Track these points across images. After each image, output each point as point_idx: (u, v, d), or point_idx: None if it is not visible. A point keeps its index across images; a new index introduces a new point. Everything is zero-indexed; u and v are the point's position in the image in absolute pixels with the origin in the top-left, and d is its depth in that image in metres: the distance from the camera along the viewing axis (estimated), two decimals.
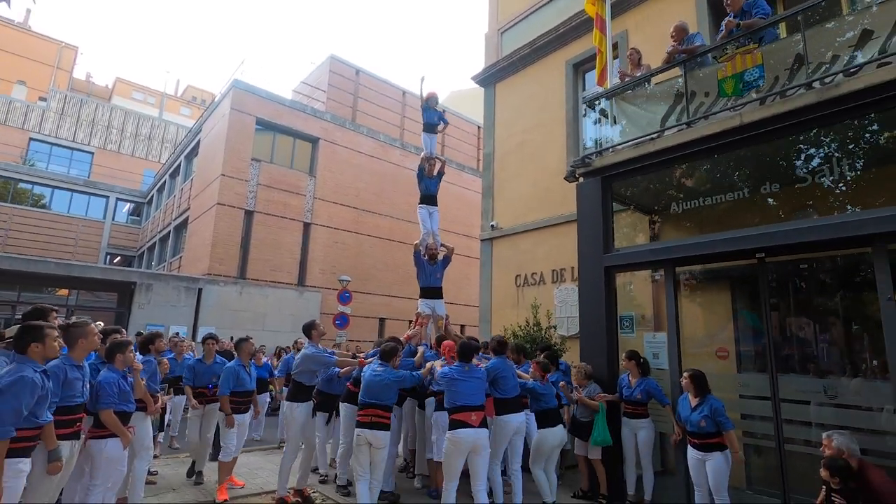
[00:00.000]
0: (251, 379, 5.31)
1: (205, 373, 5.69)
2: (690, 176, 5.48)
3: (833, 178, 4.27)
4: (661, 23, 7.33)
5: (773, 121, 4.49)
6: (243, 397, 5.22)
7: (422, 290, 6.72)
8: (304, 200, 17.76)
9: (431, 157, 7.35)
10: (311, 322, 5.43)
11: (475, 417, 4.30)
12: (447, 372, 4.51)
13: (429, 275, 6.71)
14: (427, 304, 6.57)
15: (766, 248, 4.46)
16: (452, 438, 4.28)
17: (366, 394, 4.54)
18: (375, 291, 18.95)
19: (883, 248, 3.84)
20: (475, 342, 4.94)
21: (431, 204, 7.19)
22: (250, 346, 5.41)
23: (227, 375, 5.10)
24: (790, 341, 5.03)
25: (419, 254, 6.75)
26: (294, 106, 18.27)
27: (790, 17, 4.81)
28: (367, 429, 4.42)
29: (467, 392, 4.37)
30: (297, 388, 5.17)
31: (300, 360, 5.18)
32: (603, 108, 6.23)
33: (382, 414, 4.48)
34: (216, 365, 5.72)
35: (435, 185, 7.33)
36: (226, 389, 5.07)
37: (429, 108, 7.54)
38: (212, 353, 5.87)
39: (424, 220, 7.07)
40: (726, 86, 4.93)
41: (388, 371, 4.61)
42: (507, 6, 10.69)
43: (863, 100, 4.04)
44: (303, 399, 5.14)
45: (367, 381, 4.57)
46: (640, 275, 5.97)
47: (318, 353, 5.19)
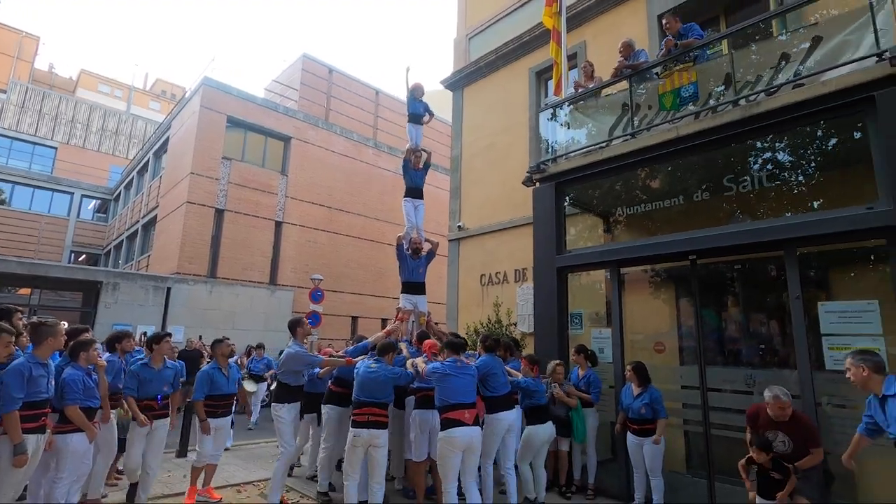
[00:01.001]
0: (229, 382, 5.00)
1: (153, 380, 4.54)
2: (635, 183, 5.88)
3: (753, 188, 4.71)
4: (617, 34, 7.72)
5: (705, 134, 4.91)
6: (221, 401, 4.93)
7: (404, 285, 6.51)
8: (275, 199, 17.74)
9: (417, 149, 7.16)
10: (297, 319, 5.18)
11: (468, 415, 4.14)
12: (439, 367, 4.31)
13: (412, 269, 6.50)
14: (409, 300, 6.37)
15: (697, 251, 4.89)
16: (447, 438, 4.09)
17: (361, 392, 4.35)
18: (348, 290, 19.06)
19: (793, 252, 4.29)
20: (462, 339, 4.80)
21: (417, 197, 7.02)
22: (227, 348, 5.09)
23: (201, 379, 4.83)
24: (719, 336, 5.49)
25: (402, 247, 6.54)
26: (266, 104, 18.21)
27: (722, 38, 5.24)
28: (364, 428, 4.23)
29: (460, 389, 4.20)
30: (281, 389, 4.92)
31: (284, 360, 4.94)
32: (558, 116, 6.60)
33: (380, 412, 4.31)
34: (167, 370, 4.69)
35: (421, 177, 7.18)
36: (200, 394, 4.80)
37: (414, 98, 7.36)
38: (160, 357, 4.68)
39: (409, 214, 6.89)
40: (665, 100, 5.34)
41: (384, 367, 4.44)
42: (475, 13, 10.99)
43: (780, 117, 4.48)
44: (288, 400, 4.87)
45: (362, 378, 4.38)
46: (590, 274, 6.36)
47: (303, 353, 4.94)
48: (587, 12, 8.24)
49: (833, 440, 4.06)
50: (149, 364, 4.59)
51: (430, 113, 7.60)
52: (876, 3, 4.07)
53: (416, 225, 6.89)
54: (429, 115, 7.58)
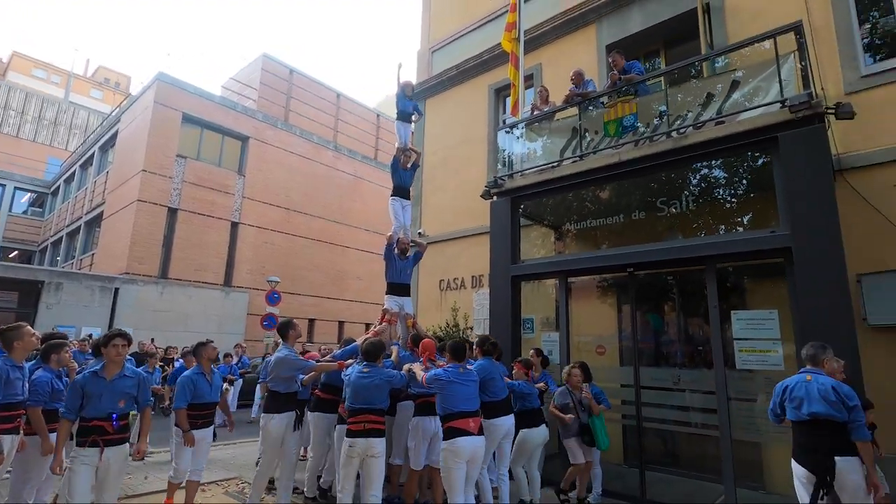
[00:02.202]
0: (213, 389, 4.57)
1: (104, 394, 3.44)
2: (582, 200, 6.47)
3: (682, 209, 5.37)
4: (570, 59, 8.37)
5: (643, 160, 5.52)
6: (202, 410, 4.47)
7: (390, 286, 6.32)
8: (232, 199, 17.48)
9: (407, 148, 7.00)
10: (288, 321, 4.87)
11: (473, 424, 3.98)
12: (442, 374, 4.09)
13: (399, 270, 6.35)
14: (395, 301, 6.19)
15: (634, 264, 5.50)
16: (452, 448, 3.90)
17: (355, 399, 4.10)
18: (305, 292, 19.00)
19: (712, 267, 4.95)
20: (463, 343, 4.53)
21: (405, 197, 6.87)
22: (212, 351, 4.66)
23: (183, 385, 4.38)
24: (652, 339, 6.15)
25: (391, 247, 6.34)
26: (224, 103, 17.93)
27: (659, 76, 5.91)
28: (360, 437, 3.99)
29: (465, 396, 4.05)
30: (272, 397, 4.62)
31: (273, 366, 4.63)
32: (515, 135, 7.12)
33: (376, 419, 4.08)
34: (124, 381, 3.55)
35: (409, 176, 7.03)
36: (182, 402, 4.32)
37: (404, 96, 7.19)
38: (115, 363, 3.54)
39: (397, 213, 6.70)
40: (610, 128, 5.94)
41: (376, 371, 4.20)
42: (438, 28, 11.42)
43: (705, 149, 5.14)
44: (279, 409, 4.56)
45: (355, 384, 4.13)
46: (541, 282, 6.90)
47: (293, 357, 4.63)
48: (543, 38, 8.84)
49: (740, 428, 4.74)
50: (98, 373, 3.51)
51: (418, 112, 7.46)
52: (781, 58, 4.79)
53: (404, 225, 6.70)
54: (417, 113, 7.41)
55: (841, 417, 3.25)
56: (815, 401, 3.34)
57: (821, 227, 4.23)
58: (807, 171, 4.37)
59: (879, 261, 4.93)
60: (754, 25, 6.25)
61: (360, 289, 21.18)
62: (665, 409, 5.33)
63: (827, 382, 3.37)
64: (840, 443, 3.27)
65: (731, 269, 5.39)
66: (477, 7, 10.49)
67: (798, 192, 4.39)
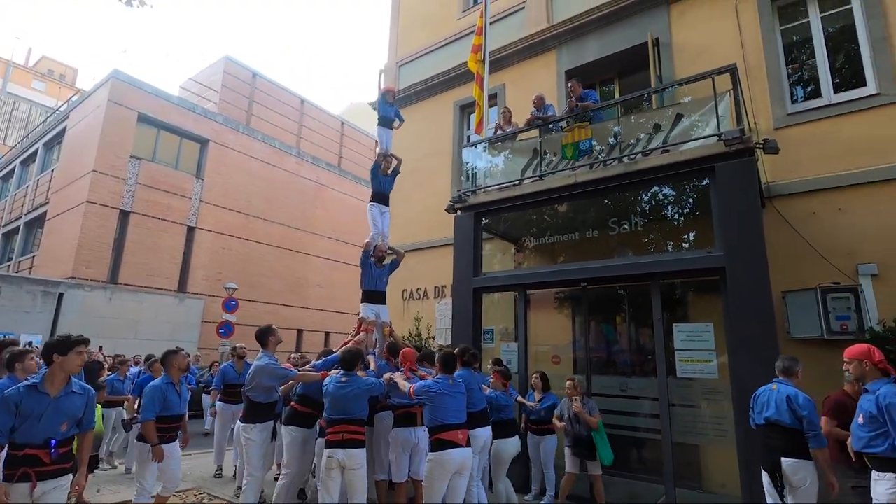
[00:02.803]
0: (182, 401, 4.36)
1: (45, 415, 2.91)
2: (541, 217, 6.84)
3: (631, 229, 5.81)
4: (532, 81, 8.81)
5: (596, 182, 5.93)
6: (171, 423, 4.23)
7: (365, 294, 6.24)
8: (189, 203, 17.02)
9: (388, 154, 6.98)
10: (268, 328, 4.71)
11: (462, 436, 3.96)
12: (432, 386, 4.05)
13: (375, 278, 6.27)
14: (371, 310, 6.11)
15: (587, 279, 5.88)
16: (439, 460, 3.88)
17: (333, 409, 4.06)
18: (263, 300, 18.66)
19: (657, 283, 5.39)
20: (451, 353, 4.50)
21: (384, 203, 6.81)
22: (182, 360, 4.40)
23: (152, 396, 4.13)
24: (603, 349, 6.56)
25: (368, 254, 6.27)
26: (182, 104, 17.48)
27: (612, 105, 6.37)
28: (338, 447, 3.94)
29: (454, 408, 4.02)
30: (252, 407, 4.49)
31: (253, 374, 4.47)
32: (479, 153, 7.44)
33: (355, 429, 4.04)
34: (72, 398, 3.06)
35: (389, 183, 6.99)
36: (151, 413, 4.08)
37: (385, 102, 7.20)
38: (63, 377, 3.06)
39: (376, 219, 6.65)
40: (567, 151, 6.35)
41: (355, 379, 4.17)
42: (406, 43, 11.69)
43: (652, 175, 5.60)
44: (259, 419, 4.46)
45: (333, 394, 4.09)
46: (501, 294, 7.20)
47: (275, 366, 4.48)
48: (507, 60, 9.25)
49: (681, 432, 5.15)
50: (39, 387, 2.93)
51: (400, 118, 7.40)
52: (719, 95, 5.31)
53: (382, 232, 6.62)
54: (399, 119, 7.38)
55: (790, 423, 3.58)
56: (770, 407, 3.72)
57: (750, 249, 4.71)
58: (738, 198, 4.87)
59: (801, 279, 5.51)
60: (698, 62, 6.85)
61: (320, 297, 20.97)
62: (614, 415, 5.70)
63: (784, 391, 3.68)
64: (788, 445, 3.58)
65: (674, 285, 5.86)
66: (444, 26, 10.83)
67: (731, 217, 4.88)
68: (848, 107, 5.81)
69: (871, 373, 3.29)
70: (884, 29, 5.73)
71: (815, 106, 6.07)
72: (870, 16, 5.85)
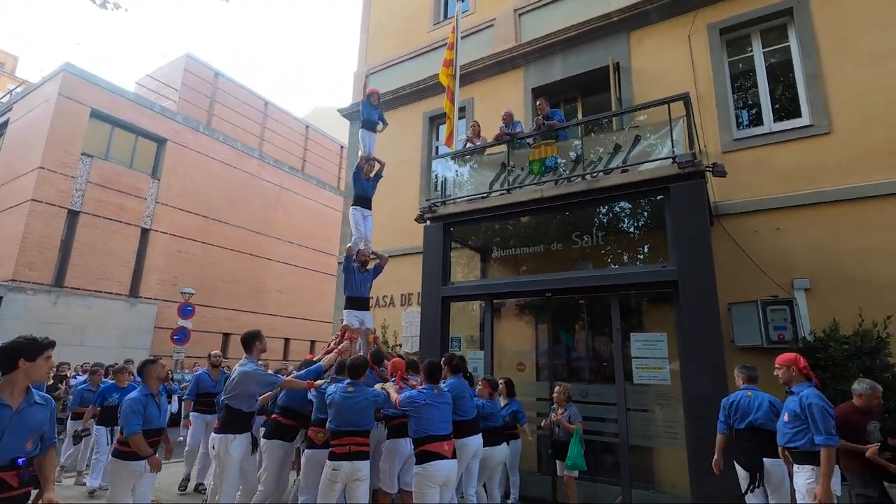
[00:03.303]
0: (162, 413, 4.16)
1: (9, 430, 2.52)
2: (508, 229, 7.09)
3: (592, 243, 6.13)
4: (500, 96, 9.12)
5: (561, 198, 6.23)
6: (151, 437, 4.00)
7: (349, 300, 6.08)
8: (143, 204, 16.39)
9: (371, 158, 6.88)
10: (254, 332, 4.47)
11: (447, 447, 3.89)
12: (416, 396, 3.98)
13: (359, 284, 6.12)
14: (356, 317, 5.95)
15: (551, 290, 6.16)
16: (424, 473, 3.80)
17: (339, 420, 3.92)
18: (221, 305, 18.15)
19: (616, 295, 5.72)
20: (436, 362, 4.47)
21: (366, 207, 6.72)
22: (161, 370, 4.18)
23: (133, 408, 3.89)
24: (566, 356, 6.85)
25: (351, 259, 6.08)
26: (139, 101, 16.86)
27: (577, 125, 6.72)
28: (345, 460, 3.81)
29: (439, 419, 3.94)
30: (231, 415, 4.25)
31: (236, 381, 4.24)
32: (449, 165, 7.64)
33: (362, 441, 3.93)
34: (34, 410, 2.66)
35: (372, 186, 6.92)
36: (136, 426, 3.82)
37: (369, 104, 7.12)
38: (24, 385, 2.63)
39: (358, 223, 6.54)
40: (534, 166, 6.63)
41: (362, 389, 4.04)
42: (376, 53, 11.79)
43: (612, 193, 5.95)
44: (240, 429, 4.23)
45: (339, 405, 3.95)
46: (468, 303, 7.40)
47: (260, 372, 4.30)
48: (476, 74, 9.52)
49: (636, 435, 5.47)
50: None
51: (383, 121, 7.34)
52: (674, 121, 5.72)
53: (365, 236, 6.54)
54: (382, 123, 7.30)
55: (772, 427, 3.92)
56: (755, 412, 4.05)
57: (699, 264, 5.09)
58: (690, 217, 5.26)
59: (744, 292, 5.97)
60: (655, 87, 7.33)
61: (280, 303, 20.58)
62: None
63: (764, 397, 4.07)
64: (770, 447, 3.90)
65: (631, 296, 6.22)
66: (415, 38, 11.02)
67: (683, 234, 5.26)
68: (785, 135, 6.38)
69: (796, 377, 3.77)
70: (816, 66, 6.34)
71: (757, 133, 6.63)
72: (804, 54, 6.45)
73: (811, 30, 6.44)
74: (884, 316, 5.01)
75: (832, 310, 5.43)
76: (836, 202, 5.84)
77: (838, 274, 5.63)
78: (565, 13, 8.75)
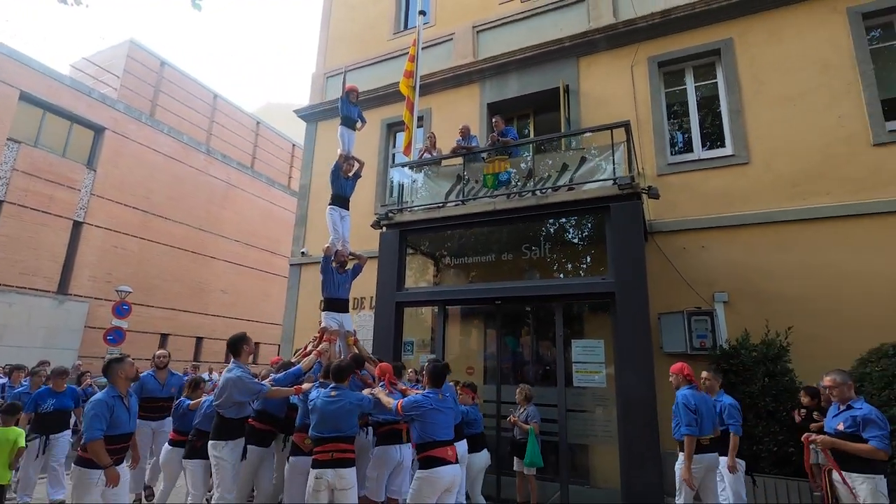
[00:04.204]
0: (131, 416, 3.93)
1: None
2: (462, 239, 7.40)
3: (540, 254, 6.56)
4: (457, 108, 9.45)
5: (514, 211, 6.61)
6: (118, 443, 3.75)
7: (327, 302, 6.00)
8: (77, 195, 15.41)
9: (350, 157, 6.80)
10: (241, 336, 4.31)
11: (451, 453, 3.83)
12: (422, 401, 3.88)
13: (337, 285, 6.04)
14: (334, 319, 5.89)
15: (500, 297, 6.52)
16: (429, 478, 3.71)
17: (322, 426, 3.84)
18: (159, 304, 17.33)
19: (560, 304, 6.16)
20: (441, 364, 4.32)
21: (344, 207, 6.64)
22: (130, 369, 3.94)
23: (97, 411, 3.60)
24: (512, 360, 7.25)
25: (330, 259, 5.98)
26: (75, 86, 15.85)
27: (528, 143, 7.14)
28: (328, 467, 3.72)
29: (444, 424, 3.88)
30: (222, 423, 4.12)
31: (223, 387, 4.08)
32: (406, 174, 7.87)
33: (346, 447, 3.84)
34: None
35: (351, 186, 6.85)
36: (98, 431, 3.55)
37: (348, 102, 7.05)
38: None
39: (336, 223, 6.45)
40: (488, 180, 6.99)
41: (345, 394, 3.95)
42: (335, 56, 11.82)
43: (559, 209, 6.40)
44: (231, 436, 4.10)
45: (322, 410, 3.86)
46: (420, 309, 7.64)
47: (248, 379, 4.11)
48: (434, 86, 9.80)
49: (575, 435, 5.91)
50: None
51: (362, 119, 7.25)
52: (616, 145, 6.25)
53: (343, 237, 6.47)
54: (361, 121, 7.21)
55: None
56: (722, 416, 4.67)
57: (634, 277, 5.60)
58: (627, 234, 5.77)
59: (672, 303, 6.58)
60: (600, 110, 7.91)
61: (224, 303, 19.90)
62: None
63: (728, 401, 4.72)
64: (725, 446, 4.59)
65: (573, 305, 6.69)
66: (374, 45, 11.17)
67: (620, 249, 5.76)
68: (712, 163, 7.10)
69: (682, 381, 4.69)
70: (738, 102, 7.11)
71: (688, 159, 7.32)
72: (729, 91, 7.21)
73: (735, 70, 7.22)
74: (785, 327, 5.72)
75: (745, 321, 6.12)
76: (752, 225, 6.58)
77: (751, 289, 6.35)
78: (521, 35, 9.23)
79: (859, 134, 6.31)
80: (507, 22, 9.53)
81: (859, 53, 6.50)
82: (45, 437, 5.64)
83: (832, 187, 6.31)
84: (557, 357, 6.03)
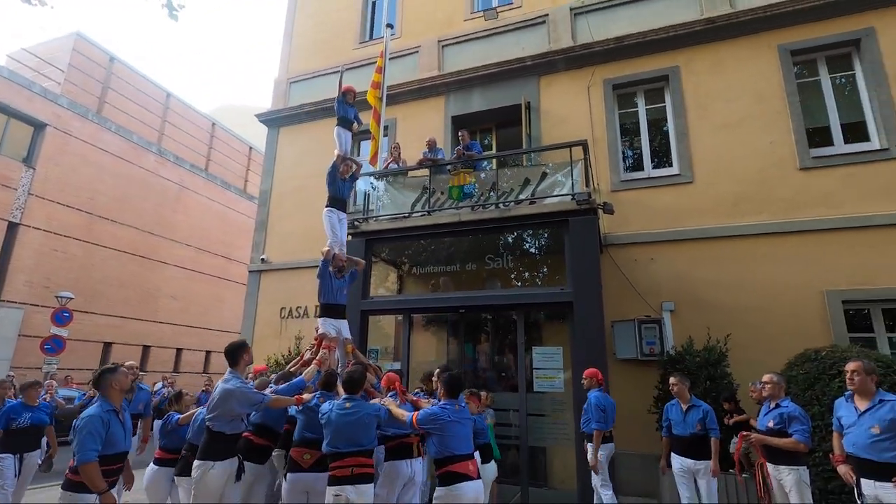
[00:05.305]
0: (127, 432, 3.55)
1: None
2: (427, 249, 7.58)
3: (503, 265, 6.83)
4: (422, 120, 9.65)
5: (478, 223, 6.86)
6: (113, 463, 3.38)
7: (324, 308, 5.78)
8: (13, 195, 14.49)
9: (348, 158, 6.65)
10: (240, 343, 4.03)
11: (472, 467, 3.62)
12: (439, 413, 3.63)
13: (335, 290, 5.83)
14: (332, 325, 5.66)
15: (465, 306, 6.73)
16: (450, 495, 3.49)
17: (337, 440, 3.61)
18: (104, 311, 16.50)
19: (521, 312, 6.44)
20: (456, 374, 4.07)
21: (342, 209, 6.47)
22: (125, 380, 3.56)
23: (92, 428, 3.20)
24: (475, 367, 7.47)
25: (328, 264, 5.75)
26: (14, 78, 14.95)
27: (492, 157, 7.43)
28: (347, 484, 3.51)
29: (463, 437, 3.66)
30: (213, 439, 3.71)
31: (217, 399, 3.73)
32: (372, 183, 7.97)
33: (365, 462, 3.61)
34: None
35: (348, 188, 6.68)
36: (92, 452, 3.15)
37: (345, 102, 6.92)
38: None
39: (334, 226, 6.27)
40: (453, 192, 7.21)
41: (361, 405, 3.74)
42: (298, 62, 11.77)
43: (521, 221, 6.69)
44: (221, 455, 3.68)
45: (337, 423, 3.63)
46: (388, 317, 7.74)
47: (246, 390, 3.82)
48: (401, 97, 9.96)
49: (534, 438, 6.18)
50: None
51: (358, 120, 7.12)
52: (574, 162, 6.62)
53: (341, 240, 6.29)
54: (357, 122, 7.09)
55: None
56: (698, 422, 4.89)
57: (590, 287, 5.96)
58: (583, 247, 6.12)
59: (625, 312, 7.01)
60: (559, 127, 8.33)
61: (173, 309, 19.13)
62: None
63: (705, 407, 4.87)
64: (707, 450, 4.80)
65: (534, 314, 7.00)
66: (339, 53, 11.20)
67: (578, 261, 6.11)
68: (661, 181, 7.63)
69: (594, 384, 5.33)
70: (684, 126, 7.69)
71: (639, 177, 7.83)
72: (676, 114, 7.79)
73: (682, 95, 7.81)
74: (724, 334, 6.23)
75: (689, 328, 6.61)
76: (695, 240, 7.12)
77: (695, 298, 6.86)
78: (484, 51, 9.56)
79: (788, 159, 6.99)
80: (471, 39, 9.84)
81: (788, 86, 7.21)
82: (20, 456, 5.11)
83: (765, 206, 6.94)
84: (519, 363, 6.29)
